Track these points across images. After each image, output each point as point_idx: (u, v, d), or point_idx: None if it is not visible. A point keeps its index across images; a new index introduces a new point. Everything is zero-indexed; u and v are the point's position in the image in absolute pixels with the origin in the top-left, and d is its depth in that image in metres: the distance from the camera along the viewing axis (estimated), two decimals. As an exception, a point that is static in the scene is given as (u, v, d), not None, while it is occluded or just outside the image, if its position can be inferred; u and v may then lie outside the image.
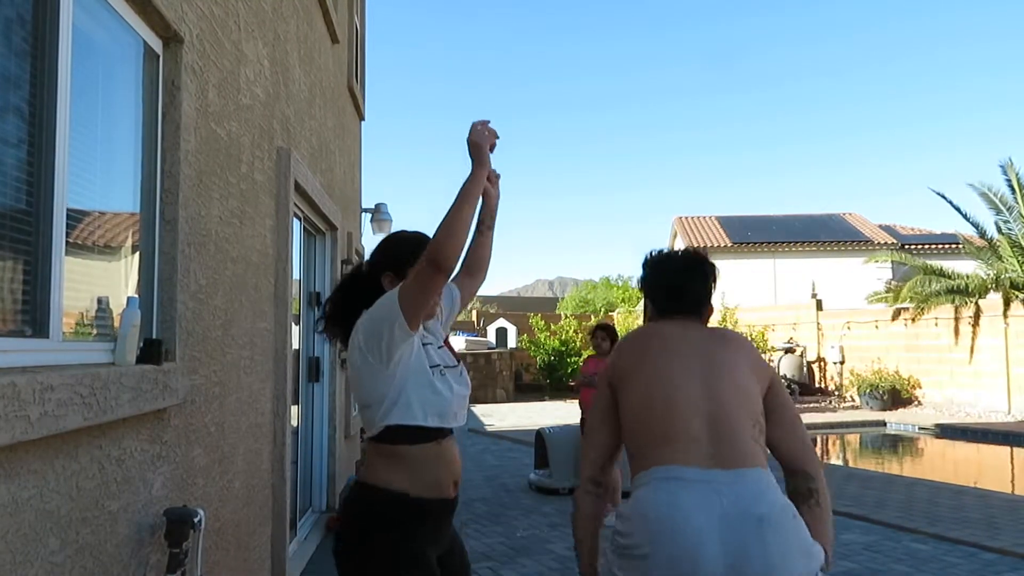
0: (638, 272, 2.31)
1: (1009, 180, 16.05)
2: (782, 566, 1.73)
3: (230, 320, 3.23)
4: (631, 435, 2.00)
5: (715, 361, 2.00)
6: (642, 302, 2.41)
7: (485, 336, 22.44)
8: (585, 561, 2.08)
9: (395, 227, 9.99)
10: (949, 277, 16.03)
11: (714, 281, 2.20)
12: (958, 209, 16.81)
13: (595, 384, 6.74)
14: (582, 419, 6.53)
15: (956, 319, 15.49)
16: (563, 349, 20.47)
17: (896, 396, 15.97)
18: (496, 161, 2.20)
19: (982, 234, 16.57)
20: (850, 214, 27.12)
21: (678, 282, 2.17)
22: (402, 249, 2.19)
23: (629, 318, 21.68)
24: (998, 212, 16.23)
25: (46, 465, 1.77)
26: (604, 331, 6.59)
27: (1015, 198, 16.05)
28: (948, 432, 12.93)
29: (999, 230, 16.15)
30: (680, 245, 26.22)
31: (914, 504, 6.75)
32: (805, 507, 1.92)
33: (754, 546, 1.73)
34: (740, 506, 1.77)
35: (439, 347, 2.18)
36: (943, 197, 17.00)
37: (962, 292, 15.29)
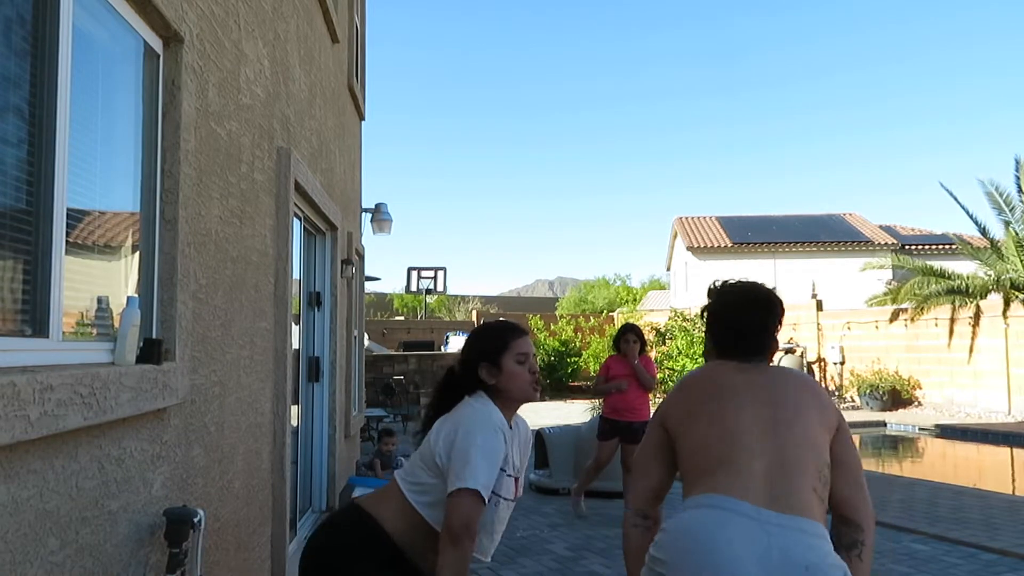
0: (633, 272, 2.29)
1: (1019, 178, 15.97)
2: None
3: (230, 320, 3.23)
4: (688, 464, 1.93)
5: (783, 408, 1.92)
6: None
7: (485, 336, 22.39)
8: None
9: (395, 227, 10.03)
10: (949, 278, 16.04)
11: (781, 317, 2.12)
12: (965, 209, 16.85)
13: (623, 390, 6.54)
14: (602, 428, 6.37)
15: (956, 320, 15.50)
16: (563, 349, 20.48)
17: (896, 397, 15.98)
18: (498, 161, 2.21)
19: (985, 233, 16.55)
20: (850, 214, 27.13)
21: (745, 322, 2.08)
22: (492, 339, 2.28)
23: (630, 318, 21.68)
24: (1000, 211, 16.22)
25: (46, 465, 1.77)
26: (634, 333, 6.34)
27: (1021, 197, 16.01)
28: (948, 432, 12.93)
29: (1007, 226, 16.11)
30: (680, 245, 26.24)
31: (914, 504, 6.75)
32: (845, 557, 1.86)
33: None
34: (787, 551, 1.67)
35: (511, 476, 2.22)
36: (951, 195, 17.00)
37: (962, 293, 15.29)
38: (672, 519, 1.83)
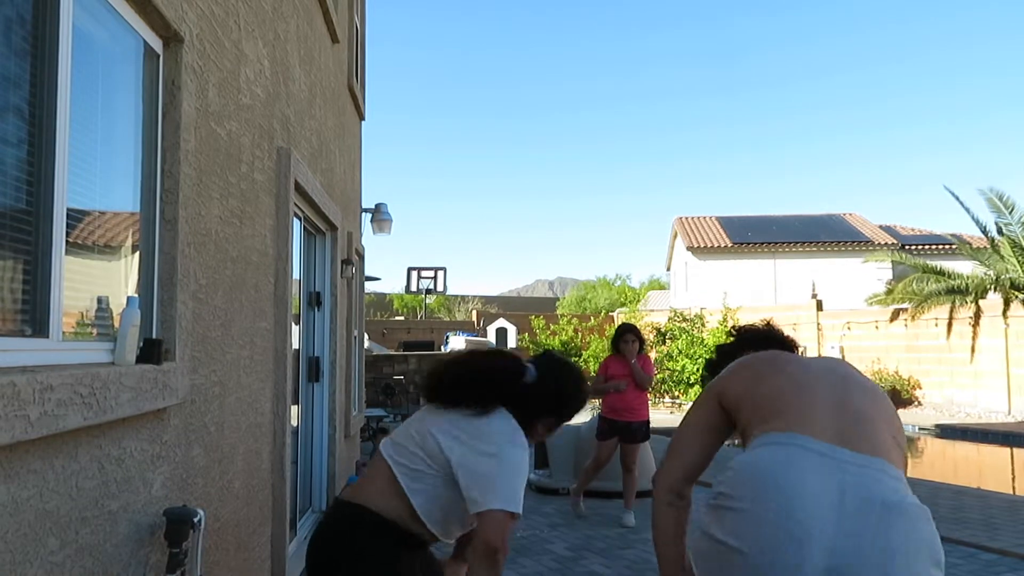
0: (634, 272, 2.39)
1: None
2: (904, 564, 1.48)
3: (230, 320, 3.23)
4: (752, 418, 1.82)
5: (848, 373, 1.88)
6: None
7: (485, 336, 22.48)
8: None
9: (395, 227, 10.03)
10: (949, 277, 16.04)
11: None
12: (968, 210, 16.87)
13: (621, 390, 6.59)
14: (600, 428, 6.38)
15: (955, 320, 15.50)
16: (563, 349, 20.49)
17: (896, 397, 15.99)
18: (498, 161, 2.24)
19: (986, 232, 16.58)
20: (850, 214, 27.14)
21: (779, 337, 2.25)
22: (573, 405, 2.34)
23: (630, 318, 21.68)
24: (1000, 214, 16.26)
25: (46, 465, 1.77)
26: (632, 333, 6.36)
27: None
28: (948, 432, 12.94)
29: (999, 231, 16.17)
30: (680, 245, 26.23)
31: (914, 504, 6.75)
32: None
33: (874, 531, 1.50)
34: (865, 487, 1.56)
35: None
36: (955, 197, 17.02)
37: (962, 292, 15.30)
38: (740, 457, 1.72)
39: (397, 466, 2.17)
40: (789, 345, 2.27)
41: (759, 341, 2.25)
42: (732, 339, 2.33)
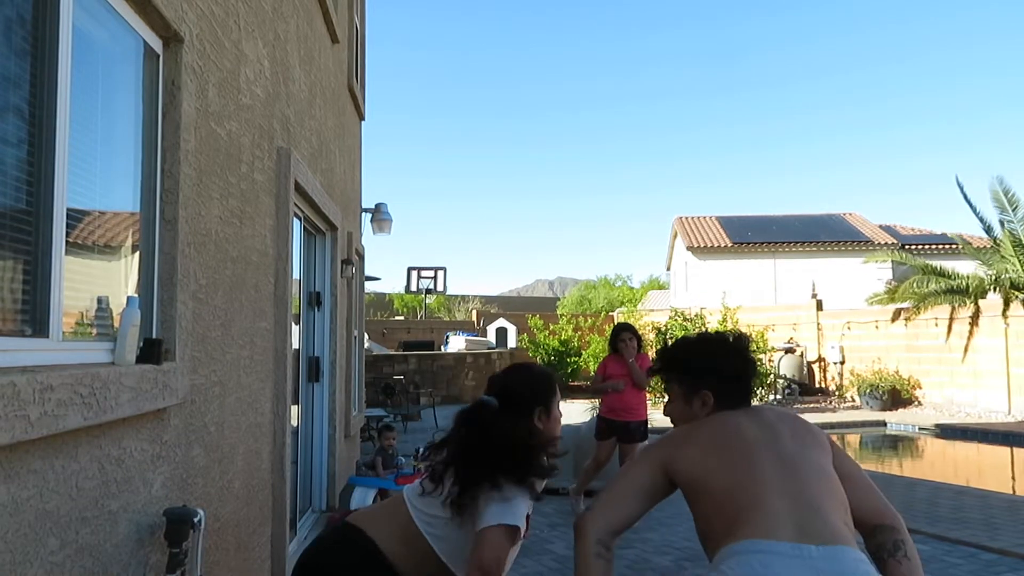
0: (634, 272, 2.30)
1: None
2: None
3: (230, 320, 3.24)
4: (709, 520, 1.88)
5: (791, 446, 1.93)
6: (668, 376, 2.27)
7: (485, 336, 22.49)
8: None
9: (395, 227, 10.04)
10: (949, 277, 16.03)
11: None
12: (972, 207, 16.83)
13: (620, 390, 6.52)
14: (599, 428, 6.38)
15: (955, 319, 15.50)
16: (563, 349, 20.49)
17: (896, 396, 15.98)
18: (498, 161, 2.23)
19: (989, 231, 16.54)
20: (850, 214, 27.14)
21: (741, 372, 2.13)
22: (545, 385, 2.34)
23: (630, 318, 21.69)
24: (1003, 211, 16.22)
25: (46, 465, 1.77)
26: (629, 331, 6.37)
27: None
28: (948, 432, 12.94)
29: (1004, 225, 16.13)
30: (680, 245, 26.24)
31: (914, 504, 6.75)
32: (894, 561, 1.84)
33: None
34: (838, 574, 1.66)
35: None
36: (962, 191, 16.93)
37: (962, 292, 15.29)
38: (714, 573, 1.77)
39: (416, 512, 2.16)
40: (750, 362, 2.20)
41: (726, 381, 2.17)
42: (697, 340, 2.25)
